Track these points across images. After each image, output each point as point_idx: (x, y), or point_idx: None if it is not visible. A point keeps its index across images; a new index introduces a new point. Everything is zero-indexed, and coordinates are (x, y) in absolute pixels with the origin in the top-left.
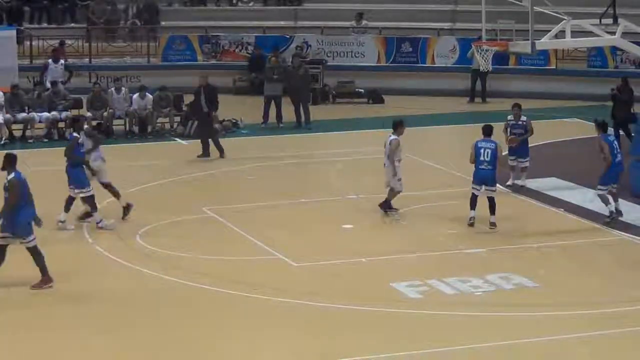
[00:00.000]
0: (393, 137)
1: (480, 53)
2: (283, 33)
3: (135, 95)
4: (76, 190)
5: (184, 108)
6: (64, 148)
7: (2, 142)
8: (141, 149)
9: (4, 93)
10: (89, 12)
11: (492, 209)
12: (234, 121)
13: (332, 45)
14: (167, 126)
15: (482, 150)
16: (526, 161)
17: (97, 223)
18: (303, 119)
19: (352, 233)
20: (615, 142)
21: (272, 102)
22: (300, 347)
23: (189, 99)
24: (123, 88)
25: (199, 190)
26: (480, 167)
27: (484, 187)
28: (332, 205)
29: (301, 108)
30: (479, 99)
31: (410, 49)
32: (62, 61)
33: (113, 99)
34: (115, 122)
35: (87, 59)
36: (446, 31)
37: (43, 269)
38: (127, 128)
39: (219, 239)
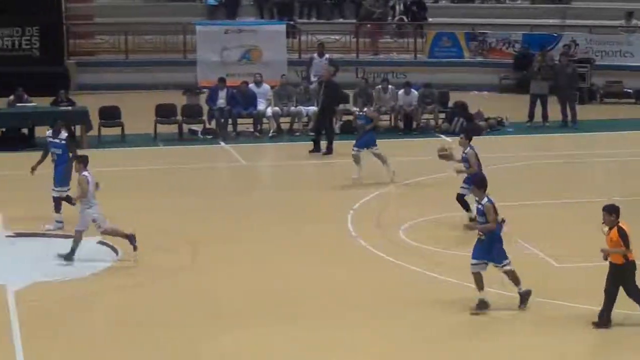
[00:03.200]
0: None
1: None
2: (550, 31)
3: (401, 92)
4: None
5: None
6: None
7: (270, 134)
8: (406, 145)
9: (272, 87)
10: (364, 8)
11: None
12: (499, 119)
13: (601, 44)
14: (432, 122)
15: None
16: None
17: None
18: (569, 118)
19: None
20: None
21: (538, 100)
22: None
23: (454, 96)
24: (390, 87)
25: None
26: None
27: None
28: (597, 207)
29: (567, 107)
30: None
31: None
32: (326, 56)
33: (379, 96)
34: (381, 117)
35: (355, 55)
36: None
37: None
38: (393, 124)
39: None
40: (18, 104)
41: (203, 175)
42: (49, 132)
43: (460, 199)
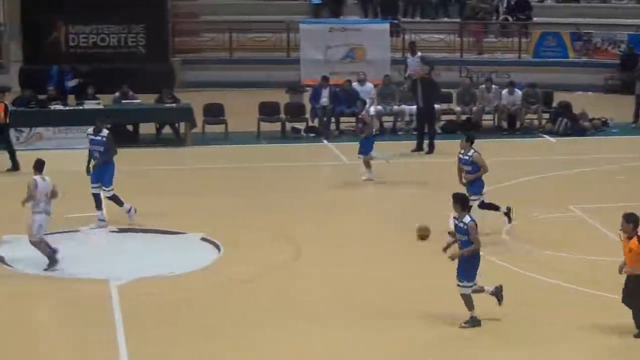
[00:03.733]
0: None
1: None
2: None
3: (505, 91)
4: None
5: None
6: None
7: (373, 133)
8: (510, 145)
9: (376, 86)
10: (468, 6)
11: None
12: (604, 120)
13: None
14: (536, 122)
15: None
16: None
17: None
18: None
19: None
20: None
21: None
22: None
23: (559, 96)
24: (493, 86)
25: (565, 188)
26: None
27: None
28: None
29: None
30: None
31: None
32: (419, 54)
33: (483, 96)
34: (484, 117)
35: (458, 54)
36: None
37: None
38: (496, 123)
39: (582, 237)
40: (123, 101)
41: (305, 173)
42: (90, 130)
43: (483, 206)
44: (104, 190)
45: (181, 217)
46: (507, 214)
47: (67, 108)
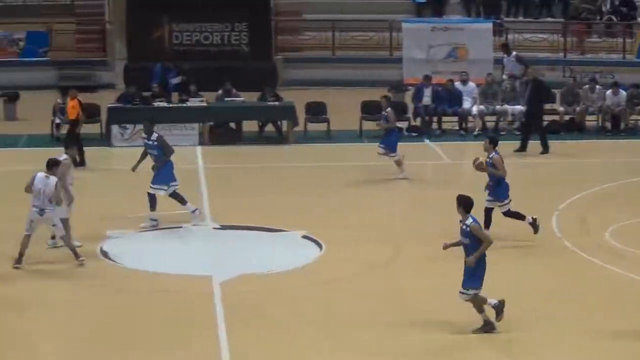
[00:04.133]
0: None
1: None
2: None
3: (609, 92)
4: None
5: None
6: None
7: (475, 133)
8: (614, 146)
9: (478, 85)
10: (572, 6)
11: None
12: None
13: None
14: None
15: None
16: None
17: None
18: None
19: None
20: None
21: None
22: None
23: None
24: (597, 87)
25: None
26: None
27: None
28: None
29: None
30: None
31: None
32: (514, 53)
33: (587, 96)
34: (588, 117)
35: (562, 54)
36: None
37: None
38: (600, 124)
39: None
40: (226, 99)
41: (407, 173)
42: (143, 135)
43: (489, 212)
44: (164, 189)
45: (283, 214)
46: (533, 224)
47: (171, 105)
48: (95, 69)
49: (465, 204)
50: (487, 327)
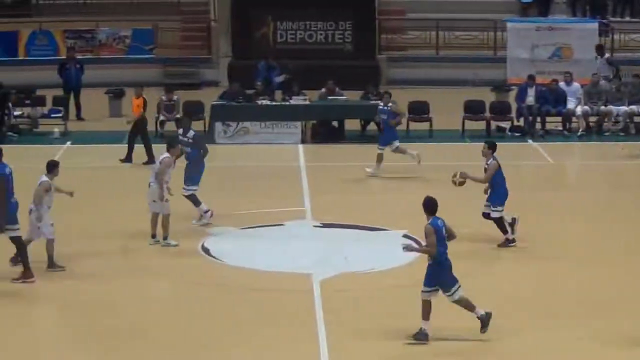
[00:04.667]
0: None
1: None
2: None
3: None
4: None
5: None
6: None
7: (579, 133)
8: None
9: (583, 85)
10: None
11: None
12: None
13: None
14: None
15: None
16: None
17: None
18: None
19: None
20: None
21: None
22: None
23: None
24: None
25: None
26: None
27: None
28: None
29: None
30: None
31: None
32: (606, 55)
33: None
34: None
35: None
36: None
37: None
38: None
39: None
40: (329, 97)
41: (509, 173)
42: (179, 130)
43: (486, 217)
44: (184, 188)
45: (384, 213)
46: (512, 224)
47: (274, 103)
48: (200, 67)
49: (425, 206)
50: (421, 336)
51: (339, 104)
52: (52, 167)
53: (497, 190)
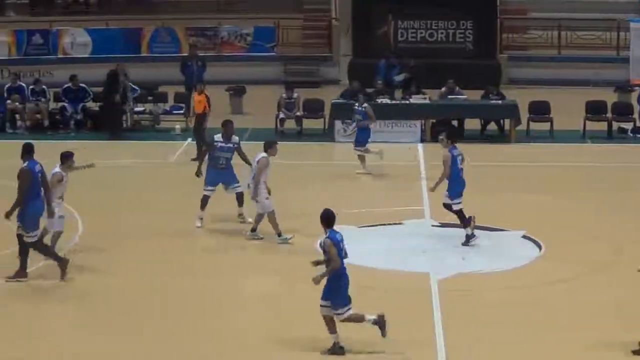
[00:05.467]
0: None
1: None
2: None
3: None
4: None
5: None
6: None
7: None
8: None
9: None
10: None
11: None
12: None
13: None
14: None
15: None
16: None
17: None
18: None
19: None
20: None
21: None
22: None
23: None
24: None
25: None
26: None
27: None
28: None
29: None
30: None
31: None
32: None
33: None
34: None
35: None
36: None
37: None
38: None
39: None
40: (449, 96)
41: (626, 174)
42: (217, 137)
43: (447, 208)
44: (230, 188)
45: (503, 213)
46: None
47: (394, 102)
48: (320, 65)
49: (322, 218)
50: (337, 349)
51: (458, 103)
52: (65, 158)
53: (453, 181)
